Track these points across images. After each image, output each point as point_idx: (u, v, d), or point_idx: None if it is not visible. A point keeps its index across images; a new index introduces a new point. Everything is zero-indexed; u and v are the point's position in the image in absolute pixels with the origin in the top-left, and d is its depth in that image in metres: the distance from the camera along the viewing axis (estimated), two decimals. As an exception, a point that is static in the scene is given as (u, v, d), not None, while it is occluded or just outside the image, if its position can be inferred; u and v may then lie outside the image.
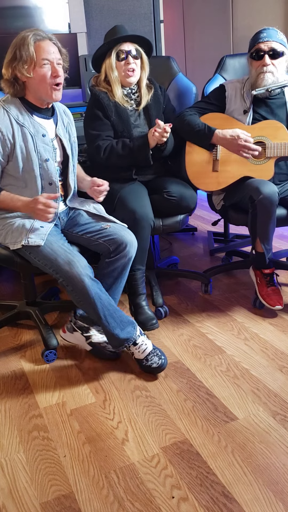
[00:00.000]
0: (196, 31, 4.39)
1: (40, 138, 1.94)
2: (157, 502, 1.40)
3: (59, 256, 1.85)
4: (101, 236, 2.01)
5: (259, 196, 2.14)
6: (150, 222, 2.18)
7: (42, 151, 1.95)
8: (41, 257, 1.88)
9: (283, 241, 3.27)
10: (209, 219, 3.78)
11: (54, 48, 1.88)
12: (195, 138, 2.36)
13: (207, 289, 2.62)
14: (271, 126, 2.32)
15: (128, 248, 1.99)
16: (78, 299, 1.87)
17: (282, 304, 2.32)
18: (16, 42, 1.86)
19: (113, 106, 2.32)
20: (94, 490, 1.45)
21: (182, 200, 2.28)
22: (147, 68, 2.38)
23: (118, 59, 2.30)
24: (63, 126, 2.08)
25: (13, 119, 1.89)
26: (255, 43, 2.30)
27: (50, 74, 1.87)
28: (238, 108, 2.37)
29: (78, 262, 1.84)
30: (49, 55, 1.85)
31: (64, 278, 1.84)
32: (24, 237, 1.89)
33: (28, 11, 3.33)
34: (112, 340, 1.93)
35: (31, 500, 1.44)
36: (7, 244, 1.96)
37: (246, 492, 1.41)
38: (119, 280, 2.04)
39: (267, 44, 2.26)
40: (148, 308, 2.27)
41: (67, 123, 2.11)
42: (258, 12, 3.66)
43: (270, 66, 2.27)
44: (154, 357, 1.95)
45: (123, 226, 2.05)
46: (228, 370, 1.97)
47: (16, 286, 2.88)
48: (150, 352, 1.95)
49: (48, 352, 2.09)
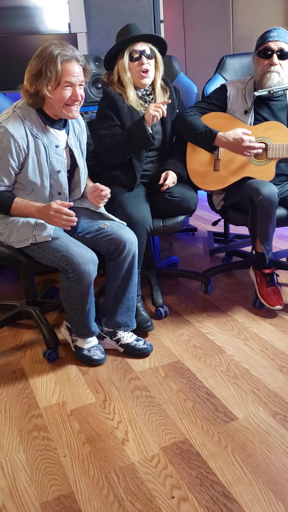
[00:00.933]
0: (196, 31, 4.39)
1: (53, 149, 1.94)
2: (157, 502, 1.40)
3: (71, 248, 1.88)
4: (101, 237, 2.02)
5: (259, 196, 2.14)
6: (147, 227, 2.16)
7: (54, 162, 1.95)
8: (50, 250, 1.89)
9: (283, 241, 3.27)
10: (209, 219, 3.78)
11: (79, 69, 1.86)
12: (197, 140, 2.36)
13: (207, 289, 2.62)
14: (273, 127, 2.31)
15: (128, 246, 2.00)
16: (74, 289, 1.91)
17: (282, 304, 2.32)
18: (43, 57, 1.81)
19: (128, 110, 2.25)
20: (94, 490, 1.45)
21: (183, 201, 2.27)
22: (161, 68, 2.32)
23: (131, 59, 2.24)
24: (75, 135, 2.07)
25: (28, 130, 1.88)
26: (264, 41, 2.27)
27: (70, 96, 1.85)
28: (239, 109, 2.37)
29: (92, 257, 1.90)
30: (73, 78, 1.83)
31: (74, 269, 1.86)
32: (31, 234, 1.90)
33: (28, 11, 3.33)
34: (82, 329, 2.03)
35: (31, 500, 1.44)
36: (11, 243, 1.97)
37: (246, 492, 1.41)
38: (131, 279, 2.07)
39: (277, 43, 2.24)
40: (143, 310, 2.27)
41: (79, 131, 2.10)
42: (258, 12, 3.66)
43: (278, 66, 2.26)
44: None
45: (121, 224, 2.06)
46: (228, 370, 1.97)
47: (16, 285, 2.88)
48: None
49: (51, 351, 2.10)
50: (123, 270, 2.03)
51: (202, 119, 2.37)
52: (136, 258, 2.05)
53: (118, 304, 2.08)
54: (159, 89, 2.34)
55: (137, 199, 2.24)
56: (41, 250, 1.91)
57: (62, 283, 1.96)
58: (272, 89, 2.25)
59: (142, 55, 2.22)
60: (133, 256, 2.03)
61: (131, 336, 2.11)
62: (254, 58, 2.35)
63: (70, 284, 1.91)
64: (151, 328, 2.25)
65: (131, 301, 2.09)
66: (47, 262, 1.93)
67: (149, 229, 2.18)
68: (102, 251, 2.04)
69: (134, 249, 2.03)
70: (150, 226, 2.19)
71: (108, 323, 2.10)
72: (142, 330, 2.22)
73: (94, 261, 1.91)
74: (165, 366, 2.03)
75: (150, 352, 2.09)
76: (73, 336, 2.10)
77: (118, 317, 2.08)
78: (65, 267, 1.87)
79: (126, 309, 2.09)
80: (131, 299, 2.09)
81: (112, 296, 2.08)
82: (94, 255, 1.92)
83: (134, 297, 2.10)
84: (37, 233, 1.89)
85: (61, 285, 1.98)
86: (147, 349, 2.08)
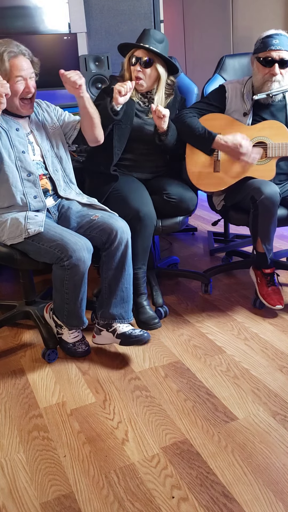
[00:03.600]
0: (196, 31, 4.39)
1: (14, 132, 2.02)
2: (157, 502, 1.39)
3: (65, 236, 1.90)
4: (93, 229, 2.04)
5: (260, 196, 2.14)
6: (154, 221, 2.18)
7: (17, 144, 2.02)
8: (45, 241, 1.91)
9: (283, 241, 3.27)
10: (209, 219, 3.78)
11: (27, 63, 1.96)
12: (195, 142, 2.35)
13: (207, 289, 2.62)
14: (272, 126, 2.31)
15: (119, 234, 2.00)
16: (68, 279, 1.91)
17: (283, 304, 2.32)
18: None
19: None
20: (94, 490, 1.45)
21: (181, 202, 2.27)
22: (162, 84, 2.33)
23: (130, 63, 2.32)
24: (38, 120, 2.13)
25: None
26: (265, 48, 2.23)
27: (23, 89, 1.96)
28: (238, 109, 2.37)
29: (86, 245, 1.91)
30: (22, 71, 1.95)
31: (68, 257, 1.86)
32: (23, 229, 1.93)
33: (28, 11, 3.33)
34: (73, 319, 2.02)
35: (31, 500, 1.43)
36: (4, 241, 2.00)
37: (246, 492, 1.41)
38: (124, 269, 2.05)
39: (279, 53, 2.21)
40: (149, 308, 2.27)
41: (42, 116, 2.15)
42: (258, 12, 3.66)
43: (278, 76, 2.25)
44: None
45: (112, 214, 2.08)
46: (228, 370, 1.97)
47: (15, 286, 2.88)
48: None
49: (50, 351, 2.09)
50: (116, 259, 2.03)
51: (201, 120, 2.37)
52: (129, 248, 2.04)
53: (112, 296, 2.06)
54: (157, 98, 2.35)
55: (142, 194, 2.25)
56: (35, 243, 1.93)
57: (56, 273, 1.95)
58: (271, 93, 2.25)
59: (138, 62, 2.28)
60: (126, 246, 2.03)
61: (127, 326, 2.08)
62: (253, 62, 2.33)
63: (64, 273, 1.90)
64: (158, 325, 2.24)
65: (125, 292, 2.07)
66: (43, 254, 1.93)
67: (155, 223, 2.19)
68: (96, 243, 2.04)
69: (126, 237, 2.02)
70: (156, 220, 2.21)
71: (104, 316, 2.08)
72: (149, 327, 2.21)
73: (89, 248, 1.92)
74: (165, 366, 2.03)
75: (147, 339, 2.02)
76: (58, 329, 2.12)
77: (113, 308, 2.06)
78: (60, 255, 1.88)
79: (120, 300, 2.07)
80: (125, 290, 2.07)
81: (107, 288, 2.07)
82: (88, 242, 1.94)
83: (128, 288, 2.08)
84: (29, 227, 1.93)
85: (54, 276, 1.97)
86: (143, 335, 2.01)
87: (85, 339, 2.15)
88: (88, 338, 2.20)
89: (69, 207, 2.14)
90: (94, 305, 2.39)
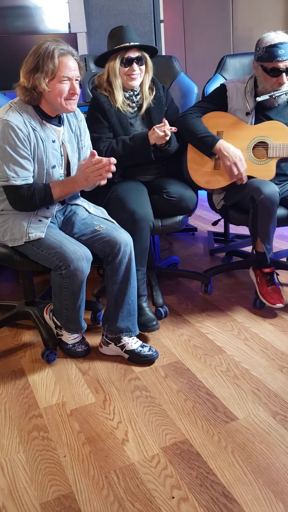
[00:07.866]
0: (196, 31, 4.39)
1: (50, 143, 1.95)
2: (157, 502, 1.39)
3: (64, 245, 1.89)
4: (96, 239, 2.02)
5: (260, 196, 2.14)
6: (150, 223, 2.17)
7: (51, 157, 1.96)
8: (44, 247, 1.90)
9: (283, 241, 3.27)
10: (209, 219, 3.78)
11: (75, 64, 1.88)
12: (197, 143, 2.36)
13: (207, 289, 2.62)
14: (274, 126, 2.32)
15: (123, 248, 1.99)
16: (66, 286, 1.91)
17: (283, 302, 2.32)
18: (40, 52, 1.83)
19: (114, 112, 2.31)
20: (94, 490, 1.45)
21: (181, 201, 2.27)
22: (151, 72, 2.37)
23: (123, 65, 2.28)
24: (71, 131, 2.07)
25: (26, 121, 1.89)
26: (272, 60, 2.20)
27: (68, 90, 1.88)
28: (240, 108, 2.37)
29: (85, 254, 1.90)
30: (70, 72, 1.85)
31: (67, 266, 1.86)
32: (24, 233, 1.92)
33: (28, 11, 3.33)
34: (72, 324, 2.03)
35: (31, 500, 1.43)
36: (6, 242, 1.98)
37: (246, 492, 1.40)
38: (129, 282, 2.04)
39: (285, 63, 2.21)
40: (149, 310, 2.27)
41: (76, 126, 2.08)
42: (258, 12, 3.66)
43: (286, 85, 2.26)
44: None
45: (116, 225, 2.07)
46: (228, 370, 1.97)
47: (15, 286, 2.88)
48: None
49: (48, 352, 2.09)
50: (120, 273, 2.01)
51: (203, 119, 2.38)
52: (132, 260, 2.03)
53: (119, 309, 2.06)
54: (146, 91, 2.38)
55: (139, 195, 2.24)
56: (35, 248, 1.92)
57: (54, 280, 1.95)
58: (274, 94, 2.25)
59: (133, 62, 2.27)
60: (129, 259, 2.02)
61: (136, 342, 2.08)
62: (258, 68, 2.30)
63: (63, 280, 1.91)
64: (156, 327, 2.23)
65: (131, 305, 2.07)
66: (42, 260, 1.93)
67: (152, 225, 2.18)
68: (98, 253, 2.03)
69: (129, 250, 2.01)
70: (153, 222, 2.20)
71: (111, 329, 2.07)
72: (147, 329, 2.21)
73: (88, 258, 1.91)
74: (165, 366, 2.03)
75: (155, 359, 2.05)
76: (58, 330, 2.13)
77: (120, 322, 2.06)
78: (58, 263, 1.88)
79: (127, 314, 2.06)
80: (131, 303, 2.06)
81: (113, 302, 2.06)
82: (87, 251, 1.93)
83: (134, 300, 2.08)
84: (31, 232, 1.92)
85: (52, 282, 1.97)
86: (152, 355, 2.05)
87: (84, 339, 2.15)
88: (88, 338, 2.20)
89: (75, 212, 2.12)
90: (94, 306, 2.40)
